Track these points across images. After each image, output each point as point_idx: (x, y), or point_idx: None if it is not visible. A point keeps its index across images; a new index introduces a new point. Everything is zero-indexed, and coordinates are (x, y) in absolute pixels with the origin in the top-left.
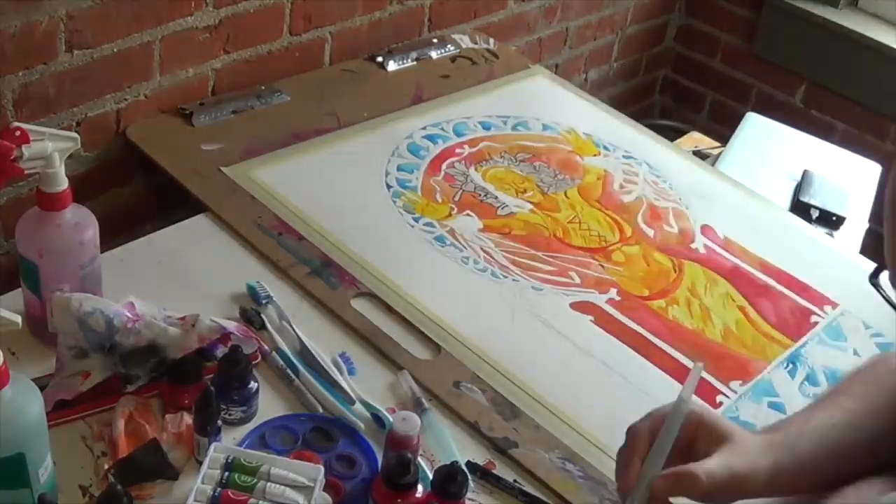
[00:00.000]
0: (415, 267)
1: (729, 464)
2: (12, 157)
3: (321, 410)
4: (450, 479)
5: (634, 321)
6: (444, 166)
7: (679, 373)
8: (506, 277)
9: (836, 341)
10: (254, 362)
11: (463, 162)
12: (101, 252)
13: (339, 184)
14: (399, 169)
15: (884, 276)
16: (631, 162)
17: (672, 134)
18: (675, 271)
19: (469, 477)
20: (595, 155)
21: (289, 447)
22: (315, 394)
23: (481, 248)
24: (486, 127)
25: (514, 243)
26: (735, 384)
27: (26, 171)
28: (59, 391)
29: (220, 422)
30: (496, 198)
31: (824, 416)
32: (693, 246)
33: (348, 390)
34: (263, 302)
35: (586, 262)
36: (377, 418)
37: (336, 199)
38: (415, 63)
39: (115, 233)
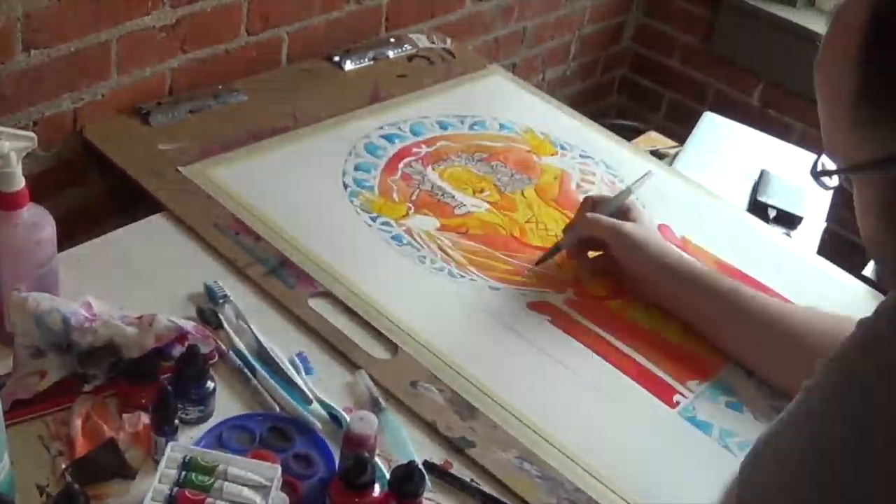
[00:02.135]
0: (372, 266)
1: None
2: None
3: (278, 410)
4: (407, 479)
5: (591, 321)
6: (401, 166)
7: (636, 372)
8: (463, 277)
9: None
10: (211, 362)
11: (420, 161)
12: (58, 251)
13: (296, 183)
14: (356, 168)
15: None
16: (588, 161)
17: (629, 133)
18: None
19: (426, 476)
20: (552, 154)
21: (246, 447)
22: (272, 393)
23: (438, 248)
24: (444, 126)
25: (471, 242)
26: (692, 383)
27: None
28: (16, 390)
29: (177, 421)
30: (453, 197)
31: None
32: None
33: (305, 390)
34: (220, 301)
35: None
36: (334, 418)
37: (293, 198)
38: (372, 63)
39: (72, 232)
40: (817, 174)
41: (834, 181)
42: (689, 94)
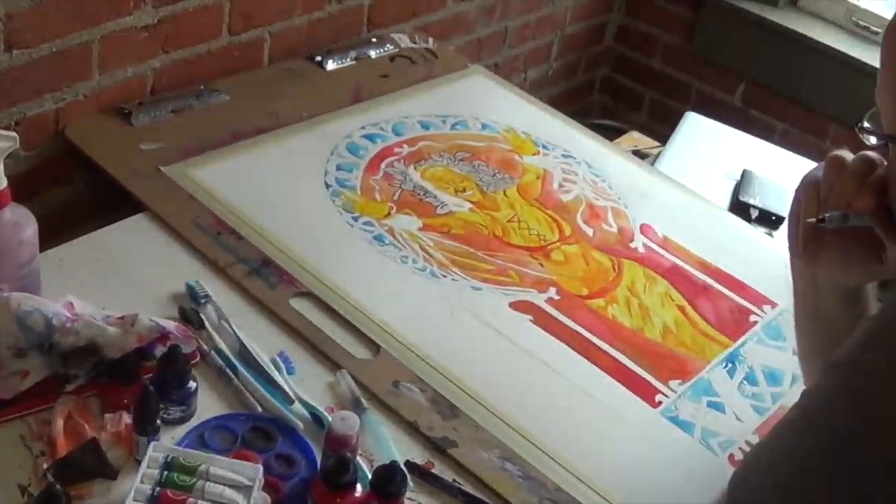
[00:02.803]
0: (354, 266)
1: None
2: None
3: (260, 410)
4: (388, 479)
5: (574, 320)
6: (383, 165)
7: (618, 372)
8: (445, 277)
9: (775, 341)
10: (193, 362)
11: (402, 161)
12: (40, 251)
13: (278, 183)
14: (338, 168)
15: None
16: (570, 161)
17: (611, 133)
18: (615, 270)
19: (408, 476)
20: (534, 154)
21: (228, 446)
22: (254, 393)
23: (420, 248)
24: (426, 126)
25: (453, 242)
26: (674, 383)
27: None
28: None
29: (159, 421)
30: (435, 197)
31: None
32: (632, 245)
33: (287, 390)
34: (202, 301)
35: (525, 262)
36: (316, 418)
37: (275, 198)
38: (354, 62)
39: (53, 232)
40: (868, 130)
41: (873, 141)
42: (671, 93)
